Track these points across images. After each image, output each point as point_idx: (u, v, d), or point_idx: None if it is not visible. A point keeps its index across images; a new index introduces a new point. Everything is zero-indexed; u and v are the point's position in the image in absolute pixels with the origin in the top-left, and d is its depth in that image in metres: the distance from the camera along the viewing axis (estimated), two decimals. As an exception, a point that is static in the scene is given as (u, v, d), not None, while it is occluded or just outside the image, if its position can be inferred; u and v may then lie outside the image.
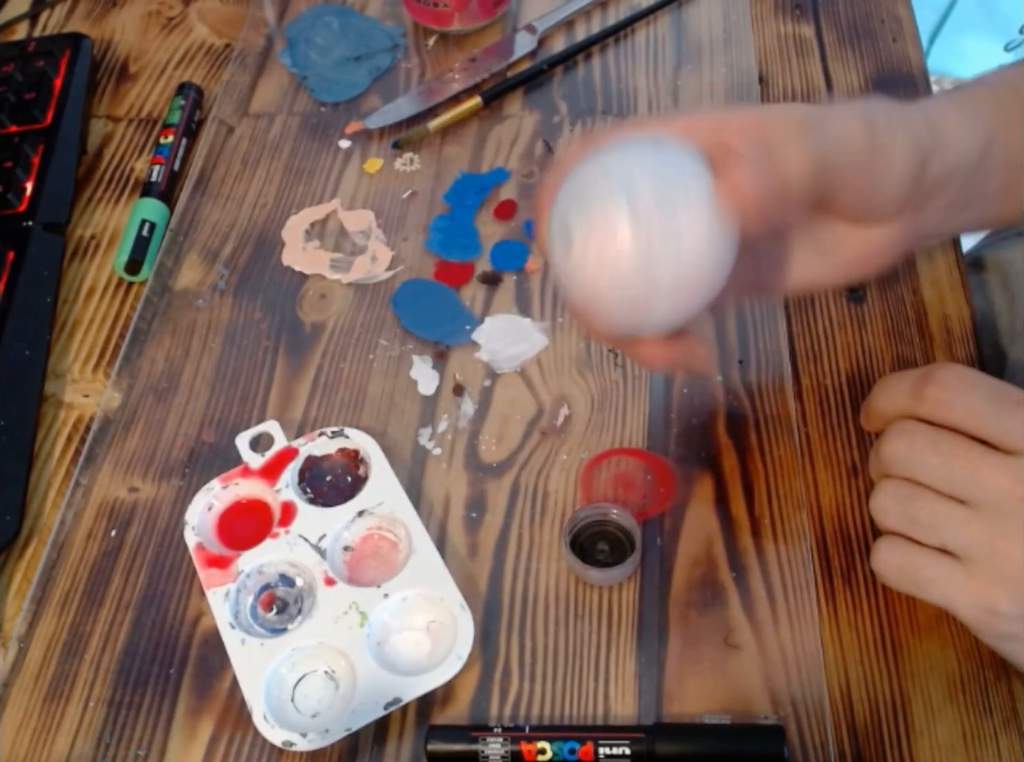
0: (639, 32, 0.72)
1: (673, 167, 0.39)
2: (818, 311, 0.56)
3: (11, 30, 0.77)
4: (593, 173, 0.39)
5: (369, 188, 0.65)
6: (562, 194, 0.40)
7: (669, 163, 0.39)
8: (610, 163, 0.39)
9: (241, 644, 0.46)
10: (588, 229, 0.39)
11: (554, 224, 0.40)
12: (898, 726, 0.43)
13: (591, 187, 0.39)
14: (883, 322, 0.55)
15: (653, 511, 0.50)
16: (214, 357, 0.58)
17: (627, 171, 0.39)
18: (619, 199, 0.38)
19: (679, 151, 0.40)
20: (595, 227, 0.38)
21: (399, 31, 0.73)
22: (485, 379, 0.55)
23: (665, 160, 0.39)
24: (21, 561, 0.51)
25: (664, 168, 0.39)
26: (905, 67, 0.68)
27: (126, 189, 0.67)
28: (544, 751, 0.42)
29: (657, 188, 0.38)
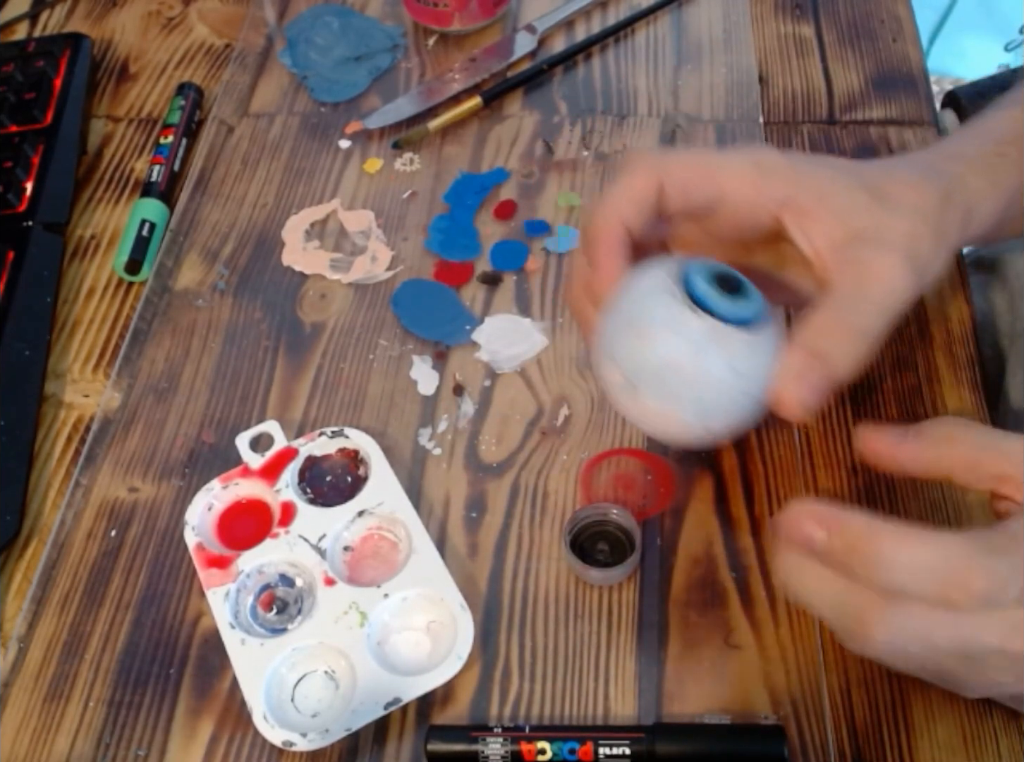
0: (639, 32, 0.72)
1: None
2: (818, 311, 0.56)
3: (11, 30, 0.77)
4: (645, 303, 0.40)
5: (369, 188, 0.65)
6: (615, 324, 0.41)
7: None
8: (659, 290, 0.40)
9: (241, 644, 0.46)
10: (650, 375, 0.40)
11: (611, 354, 0.41)
12: (898, 726, 0.43)
13: (645, 321, 0.40)
14: (883, 322, 0.55)
15: (653, 511, 0.50)
16: (214, 357, 0.58)
17: (679, 306, 0.39)
18: (679, 337, 0.39)
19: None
20: (658, 370, 0.39)
21: (399, 31, 0.73)
22: (485, 379, 0.55)
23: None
24: (21, 561, 0.51)
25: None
26: (905, 67, 0.68)
27: (126, 189, 0.67)
28: (544, 751, 0.42)
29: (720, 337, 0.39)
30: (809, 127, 0.65)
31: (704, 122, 0.65)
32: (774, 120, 0.66)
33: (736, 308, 0.39)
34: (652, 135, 0.65)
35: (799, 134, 0.65)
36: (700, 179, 0.43)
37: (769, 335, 0.40)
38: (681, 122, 0.66)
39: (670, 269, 0.41)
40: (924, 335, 0.55)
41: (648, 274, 0.41)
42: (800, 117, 0.66)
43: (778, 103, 0.67)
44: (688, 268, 0.40)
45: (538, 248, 0.60)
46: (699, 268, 0.40)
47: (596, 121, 0.66)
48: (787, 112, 0.66)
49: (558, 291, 0.58)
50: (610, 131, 0.66)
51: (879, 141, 0.64)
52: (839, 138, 0.64)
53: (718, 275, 0.40)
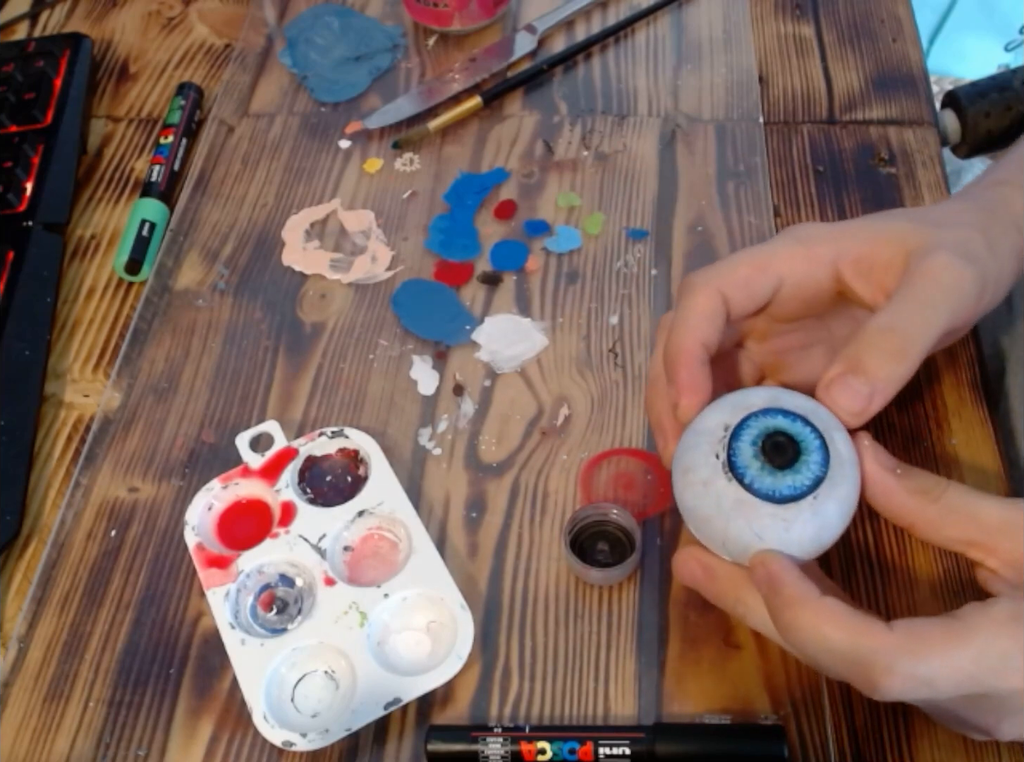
0: (639, 32, 0.72)
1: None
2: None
3: (11, 30, 0.77)
4: (694, 446, 0.40)
5: (369, 188, 0.65)
6: (678, 450, 0.42)
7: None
8: (706, 440, 0.40)
9: (241, 644, 0.46)
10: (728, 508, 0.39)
11: (673, 471, 0.42)
12: (898, 726, 0.43)
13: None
14: (883, 322, 0.55)
15: (653, 511, 0.50)
16: (214, 357, 0.58)
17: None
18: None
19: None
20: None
21: (399, 31, 0.73)
22: (485, 379, 0.55)
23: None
24: (21, 561, 0.51)
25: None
26: (905, 67, 0.68)
27: (126, 189, 0.67)
28: (544, 751, 0.42)
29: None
30: (809, 127, 0.65)
31: (704, 122, 0.66)
32: (774, 120, 0.66)
33: (773, 482, 0.38)
34: (652, 135, 0.65)
35: (799, 134, 0.65)
36: (757, 275, 0.44)
37: (813, 511, 0.38)
38: (681, 122, 0.66)
39: (732, 415, 0.40)
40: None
41: (713, 411, 0.41)
42: (800, 117, 0.66)
43: (778, 103, 0.67)
44: (744, 422, 0.40)
45: (538, 248, 0.60)
46: (754, 424, 0.39)
47: (596, 121, 0.66)
48: (787, 112, 0.66)
49: (558, 291, 0.58)
50: (610, 131, 0.66)
51: (879, 141, 0.64)
52: (839, 138, 0.64)
53: (770, 439, 0.39)
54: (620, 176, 0.63)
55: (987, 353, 0.56)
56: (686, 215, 0.61)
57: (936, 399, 0.52)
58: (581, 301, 0.58)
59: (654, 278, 0.58)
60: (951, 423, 0.51)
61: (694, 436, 0.41)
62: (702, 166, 0.63)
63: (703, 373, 0.43)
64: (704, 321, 0.43)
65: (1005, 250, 0.44)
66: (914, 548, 0.47)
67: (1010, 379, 0.56)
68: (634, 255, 0.60)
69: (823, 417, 0.40)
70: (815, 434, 0.39)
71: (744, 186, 0.62)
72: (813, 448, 0.39)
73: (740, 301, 0.44)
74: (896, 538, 0.48)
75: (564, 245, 0.60)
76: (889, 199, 0.61)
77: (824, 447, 0.39)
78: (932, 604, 0.46)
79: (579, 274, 0.59)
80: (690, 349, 0.43)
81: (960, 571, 0.47)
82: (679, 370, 0.43)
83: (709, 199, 0.61)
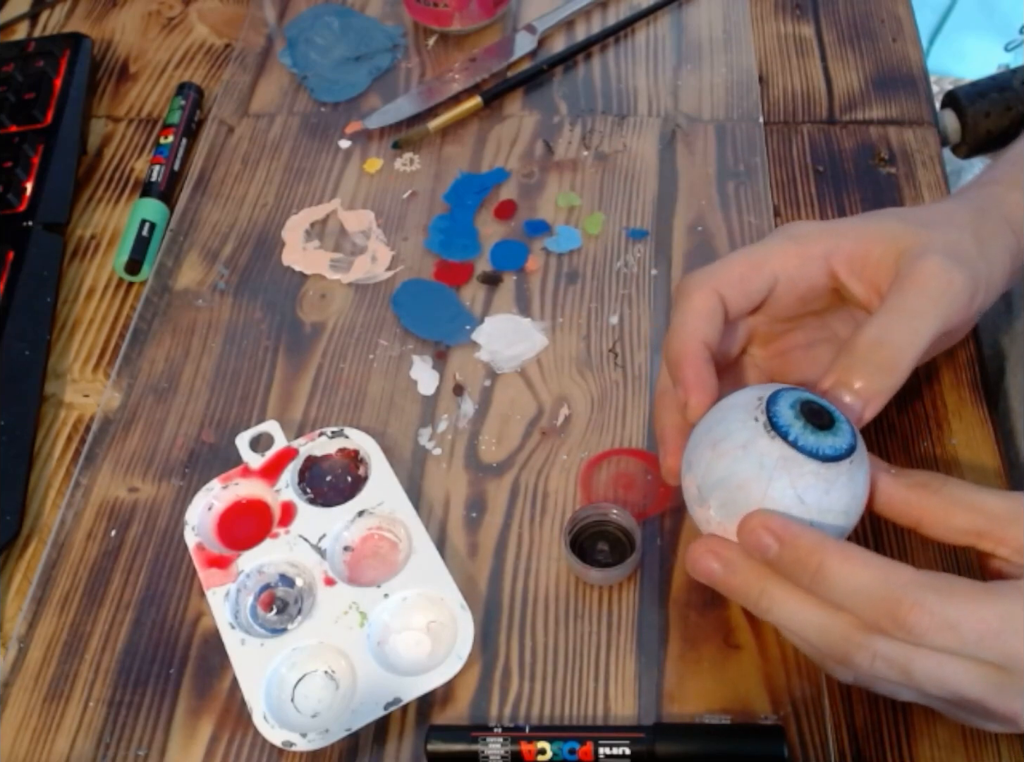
0: (639, 32, 0.72)
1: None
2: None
3: (11, 30, 0.77)
4: (727, 416, 0.40)
5: (369, 188, 0.65)
6: (697, 435, 0.41)
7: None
8: (741, 408, 0.40)
9: (241, 644, 0.46)
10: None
11: (689, 464, 0.42)
12: (898, 726, 0.43)
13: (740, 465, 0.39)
14: (883, 322, 0.55)
15: (653, 511, 0.50)
16: (214, 357, 0.58)
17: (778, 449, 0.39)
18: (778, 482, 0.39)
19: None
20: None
21: (399, 31, 0.73)
22: (485, 379, 0.55)
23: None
24: (21, 561, 0.51)
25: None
26: (905, 67, 0.68)
27: (126, 189, 0.67)
28: (544, 751, 0.42)
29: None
30: (809, 127, 0.65)
31: (704, 122, 0.66)
32: (774, 120, 0.66)
33: (816, 440, 0.38)
34: (652, 135, 0.65)
35: (799, 134, 0.65)
36: (751, 273, 0.45)
37: (850, 476, 0.39)
38: (681, 122, 0.66)
39: (762, 392, 0.40)
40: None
41: (738, 394, 0.42)
42: (800, 117, 0.66)
43: (778, 103, 0.67)
44: (777, 393, 0.40)
45: (538, 248, 0.60)
46: (787, 394, 0.40)
47: (596, 121, 0.66)
48: (787, 112, 0.66)
49: (558, 291, 0.58)
50: (610, 131, 0.66)
51: (879, 141, 0.64)
52: (839, 138, 0.64)
53: (806, 405, 0.39)
54: (620, 176, 0.63)
55: (987, 353, 0.56)
56: (686, 215, 0.61)
57: (936, 399, 0.52)
58: (581, 301, 0.58)
59: (654, 278, 0.58)
60: (951, 423, 0.51)
61: (722, 411, 0.41)
62: (702, 166, 0.63)
63: (708, 371, 0.43)
64: (703, 321, 0.44)
65: (996, 250, 0.44)
66: (914, 548, 0.47)
67: (1010, 379, 0.56)
68: (634, 255, 0.60)
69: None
70: (839, 412, 0.40)
71: (744, 186, 0.62)
72: (843, 419, 0.40)
73: (736, 300, 0.44)
74: (896, 538, 0.48)
75: (564, 245, 0.60)
76: (889, 199, 0.61)
77: (849, 423, 0.40)
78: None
79: (579, 274, 0.59)
80: (692, 348, 0.43)
81: (960, 572, 0.47)
82: (684, 369, 0.43)
83: (709, 199, 0.62)
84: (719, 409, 0.41)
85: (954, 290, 0.42)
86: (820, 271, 0.45)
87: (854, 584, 0.36)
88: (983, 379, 0.53)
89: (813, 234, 0.45)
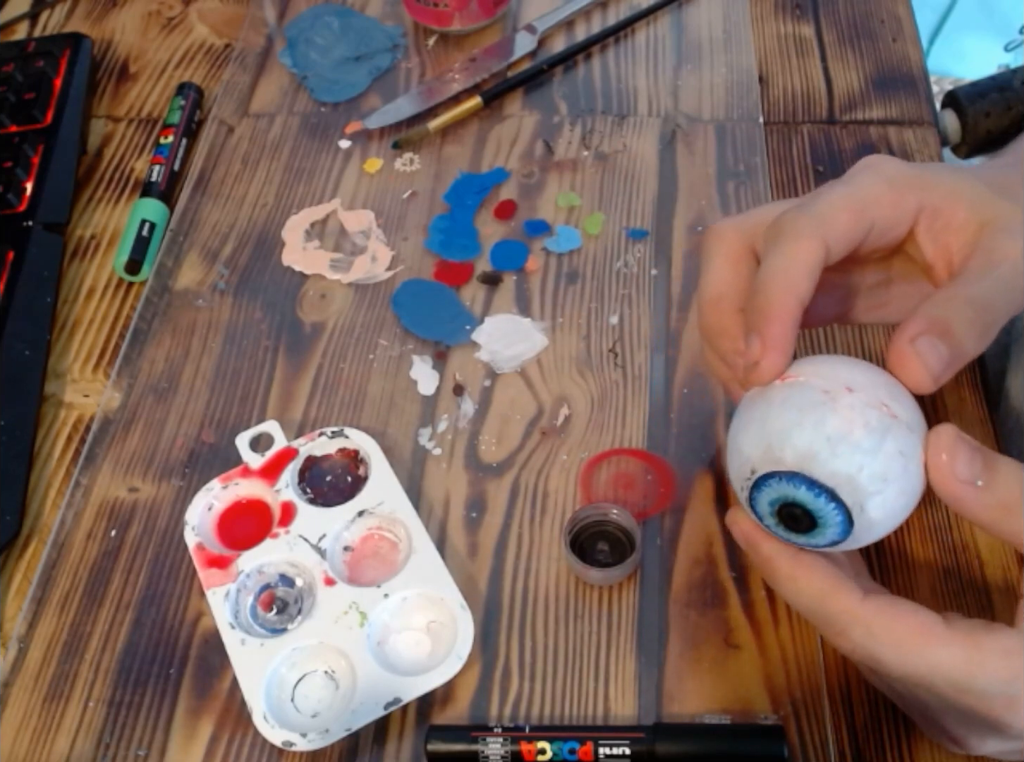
0: (639, 32, 0.72)
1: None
2: (818, 311, 0.56)
3: (11, 30, 0.77)
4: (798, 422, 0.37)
5: (369, 188, 0.65)
6: (755, 426, 0.38)
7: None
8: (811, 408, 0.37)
9: (241, 644, 0.46)
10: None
11: (744, 455, 0.38)
12: (898, 726, 0.43)
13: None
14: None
15: (653, 511, 0.50)
16: (214, 357, 0.58)
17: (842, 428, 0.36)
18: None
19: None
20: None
21: (399, 31, 0.73)
22: (485, 379, 0.55)
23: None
24: (21, 561, 0.51)
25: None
26: (905, 67, 0.68)
27: (126, 189, 0.67)
28: (544, 751, 0.42)
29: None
30: (809, 127, 0.65)
31: (704, 122, 0.66)
32: (774, 120, 0.66)
33: (789, 537, 0.38)
34: (652, 135, 0.65)
35: (799, 134, 0.65)
36: (856, 222, 0.40)
37: (833, 553, 0.38)
38: (681, 122, 0.66)
39: (763, 456, 0.37)
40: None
41: (748, 437, 0.38)
42: (800, 117, 0.66)
43: (778, 103, 0.67)
44: (763, 484, 0.37)
45: (538, 248, 0.60)
46: (773, 488, 0.37)
47: (596, 121, 0.66)
48: (787, 112, 0.66)
49: (558, 291, 0.58)
50: (610, 131, 0.66)
51: (879, 141, 0.64)
52: (839, 138, 0.64)
53: (788, 508, 0.37)
54: (620, 176, 0.63)
55: (987, 353, 0.56)
56: (686, 215, 0.61)
57: (936, 399, 0.52)
58: (581, 301, 0.58)
59: (654, 278, 0.58)
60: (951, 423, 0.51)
61: (731, 451, 0.39)
62: (702, 166, 0.63)
63: (794, 334, 0.39)
64: (806, 276, 0.39)
65: None
66: (914, 548, 0.48)
67: (1010, 379, 0.56)
68: (634, 255, 0.60)
69: (861, 482, 0.36)
70: (839, 510, 0.36)
71: (744, 186, 0.62)
72: (832, 523, 0.36)
73: (837, 252, 0.40)
74: (896, 538, 0.48)
75: (564, 245, 0.60)
76: (889, 199, 0.61)
77: (848, 519, 0.36)
78: (932, 604, 0.45)
79: (579, 274, 0.59)
80: (789, 304, 0.38)
81: (960, 572, 0.47)
82: (772, 325, 0.38)
83: (709, 199, 0.62)
84: (734, 440, 0.39)
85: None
86: (908, 224, 0.41)
87: (797, 599, 0.38)
88: (983, 379, 0.53)
89: (908, 180, 0.41)
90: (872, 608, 0.36)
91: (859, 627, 0.36)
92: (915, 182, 0.42)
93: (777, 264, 0.39)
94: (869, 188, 0.41)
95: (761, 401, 0.38)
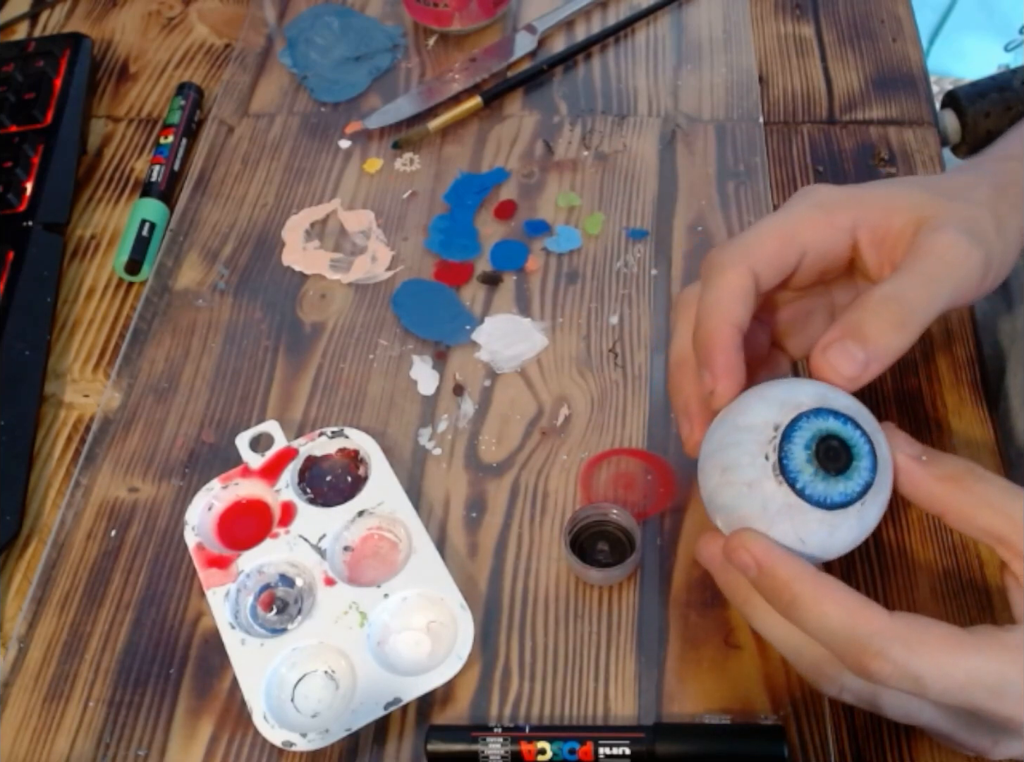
0: (639, 32, 0.72)
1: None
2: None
3: (11, 30, 0.77)
4: (740, 442, 0.39)
5: (369, 188, 0.65)
6: (712, 443, 0.40)
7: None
8: (755, 440, 0.39)
9: (241, 644, 0.46)
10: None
11: (702, 466, 0.41)
12: (898, 726, 0.43)
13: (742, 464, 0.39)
14: (883, 322, 0.55)
15: (653, 511, 0.50)
16: (214, 357, 0.58)
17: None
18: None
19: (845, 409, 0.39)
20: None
21: (399, 31, 0.73)
22: (485, 379, 0.55)
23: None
24: (21, 561, 0.51)
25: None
26: (905, 67, 0.68)
27: (126, 189, 0.67)
28: (544, 751, 0.42)
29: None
30: (809, 127, 0.65)
31: (704, 122, 0.66)
32: (774, 120, 0.66)
33: (825, 488, 0.38)
34: (652, 135, 0.65)
35: (799, 134, 0.65)
36: (784, 248, 0.42)
37: (859, 516, 0.38)
38: (681, 122, 0.66)
39: (780, 416, 0.39)
40: (924, 335, 0.54)
41: (757, 411, 0.39)
42: (800, 117, 0.66)
43: (778, 103, 0.67)
44: (795, 424, 0.38)
45: (538, 248, 0.60)
46: (806, 426, 0.38)
47: (596, 121, 0.66)
48: (787, 112, 0.66)
49: (558, 291, 0.58)
50: (610, 131, 0.66)
51: (879, 141, 0.64)
52: (839, 138, 0.64)
53: (824, 442, 0.38)
54: (620, 176, 0.63)
55: (987, 353, 0.56)
56: (686, 215, 0.61)
57: (936, 399, 0.52)
58: (581, 301, 0.58)
59: (654, 278, 0.58)
60: (951, 423, 0.51)
61: (736, 432, 0.39)
62: (702, 166, 0.63)
63: (739, 357, 0.41)
64: (737, 302, 0.41)
65: (1012, 231, 0.43)
66: (914, 548, 0.48)
67: (1010, 379, 0.56)
68: (634, 255, 0.60)
69: (867, 418, 0.39)
70: (864, 438, 0.38)
71: (744, 186, 0.62)
72: (864, 453, 0.38)
73: (769, 277, 0.42)
74: (896, 538, 0.48)
75: (564, 245, 0.60)
76: (889, 199, 0.61)
77: (873, 452, 0.38)
78: (932, 604, 0.46)
79: (579, 274, 0.59)
80: (725, 333, 0.41)
81: (960, 571, 0.47)
82: (715, 355, 0.41)
83: (709, 199, 0.62)
84: (733, 428, 0.40)
85: (969, 265, 0.40)
86: (846, 243, 0.43)
87: (824, 624, 0.36)
88: (983, 379, 0.53)
89: (840, 202, 0.43)
90: (903, 624, 0.35)
91: (898, 644, 0.34)
92: (847, 202, 0.43)
93: (710, 297, 0.42)
94: (799, 214, 0.43)
95: (737, 402, 0.41)
